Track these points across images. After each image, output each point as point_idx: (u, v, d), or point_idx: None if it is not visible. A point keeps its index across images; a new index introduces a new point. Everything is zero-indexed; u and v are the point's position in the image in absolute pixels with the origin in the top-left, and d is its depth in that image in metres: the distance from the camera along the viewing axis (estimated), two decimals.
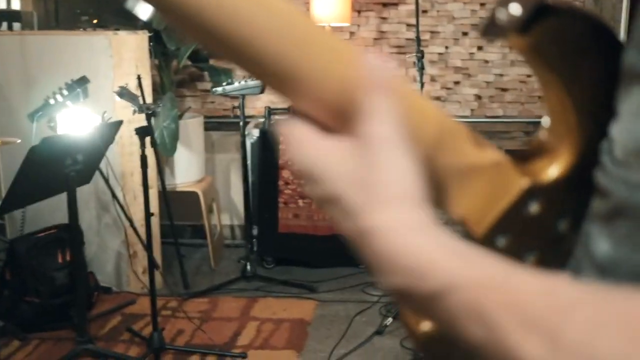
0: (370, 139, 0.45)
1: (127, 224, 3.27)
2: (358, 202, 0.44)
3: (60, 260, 3.18)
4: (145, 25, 3.40)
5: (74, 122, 2.73)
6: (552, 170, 0.55)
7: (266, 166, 3.72)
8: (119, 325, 3.18)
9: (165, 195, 3.53)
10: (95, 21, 4.37)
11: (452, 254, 0.41)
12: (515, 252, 0.53)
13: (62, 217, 2.99)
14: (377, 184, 0.44)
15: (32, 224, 3.24)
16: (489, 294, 0.39)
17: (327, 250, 3.52)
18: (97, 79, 3.05)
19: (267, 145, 3.67)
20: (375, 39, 4.14)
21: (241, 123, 3.53)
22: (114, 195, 3.15)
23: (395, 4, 4.10)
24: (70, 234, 2.96)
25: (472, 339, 0.39)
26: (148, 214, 2.77)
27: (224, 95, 3.46)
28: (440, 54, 4.12)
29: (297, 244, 3.75)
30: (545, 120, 0.57)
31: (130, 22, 3.49)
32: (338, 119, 0.47)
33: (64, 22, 4.66)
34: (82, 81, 2.81)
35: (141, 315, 3.22)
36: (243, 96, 3.43)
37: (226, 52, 0.47)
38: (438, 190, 0.51)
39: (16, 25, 3.79)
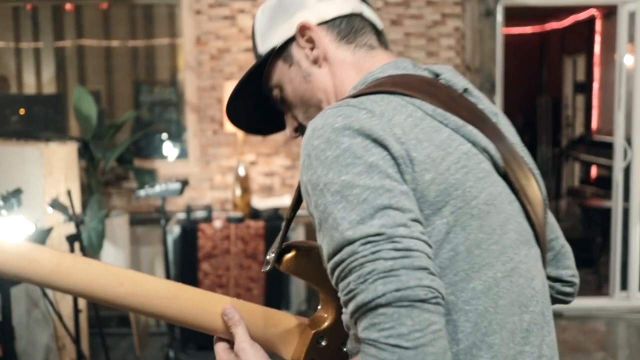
0: (241, 349, 0.95)
1: (56, 318, 3.54)
2: None
3: None
4: (74, 137, 3.78)
5: (10, 230, 3.04)
6: (326, 323, 1.01)
7: (186, 259, 4.08)
8: None
9: None
10: (22, 112, 4.67)
11: None
12: None
13: None
14: None
15: None
16: None
17: None
18: (28, 187, 3.38)
19: (187, 240, 4.05)
20: None
21: (162, 221, 3.90)
22: (43, 293, 3.43)
23: None
24: (2, 330, 3.22)
25: None
26: (76, 311, 3.07)
27: (148, 197, 3.84)
28: None
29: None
30: (319, 308, 1.05)
31: (59, 133, 3.86)
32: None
33: None
34: (17, 192, 3.14)
35: None
36: (163, 197, 3.82)
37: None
38: (274, 349, 1.00)
39: None
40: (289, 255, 0.98)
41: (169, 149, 5.01)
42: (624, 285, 5.03)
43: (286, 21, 1.06)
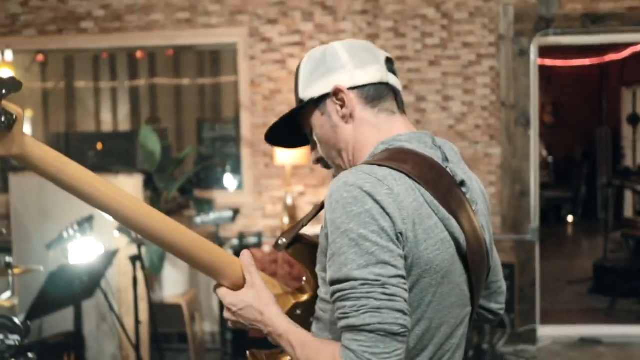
0: (255, 285, 1.31)
1: (121, 330, 4.01)
2: (258, 305, 1.29)
3: None
4: (140, 170, 4.28)
5: (83, 251, 3.53)
6: (305, 297, 1.37)
7: None
8: None
9: (152, 307, 4.26)
10: (99, 147, 5.21)
11: (285, 321, 1.27)
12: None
13: (69, 325, 3.73)
14: (262, 299, 1.30)
15: (45, 330, 3.97)
16: (292, 335, 1.23)
17: None
18: (99, 214, 3.86)
19: None
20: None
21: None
22: (111, 307, 3.90)
23: None
24: (74, 340, 3.69)
25: (289, 352, 1.23)
26: (137, 322, 3.52)
27: (204, 224, 4.28)
28: None
29: (265, 346, 4.45)
30: (304, 279, 1.39)
31: (128, 166, 4.37)
32: (235, 286, 1.33)
33: (72, 159, 5.54)
34: (89, 219, 3.64)
35: None
36: (218, 224, 4.25)
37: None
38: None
39: None
40: (297, 244, 1.34)
41: (228, 181, 5.47)
42: None
43: (326, 77, 1.31)
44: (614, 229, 8.06)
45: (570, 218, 9.90)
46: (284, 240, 1.33)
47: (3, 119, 1.06)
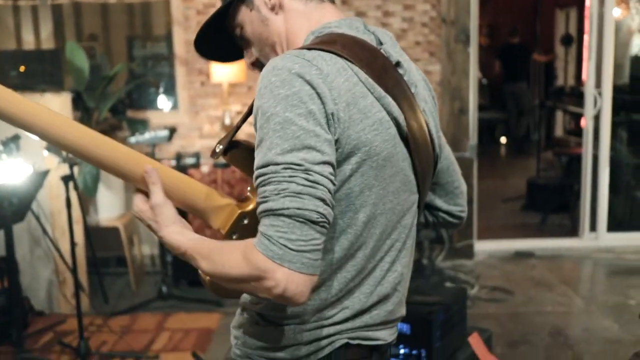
0: (155, 207, 1.21)
1: (56, 254, 3.87)
2: (156, 226, 1.21)
3: None
4: (69, 89, 4.05)
5: (10, 172, 3.34)
6: (251, 206, 1.27)
7: None
8: (51, 340, 3.76)
9: (87, 230, 4.13)
10: (22, 69, 4.91)
11: (185, 238, 1.18)
12: (241, 238, 1.24)
13: (0, 251, 3.57)
14: (160, 222, 1.21)
15: None
16: (194, 250, 1.15)
17: None
18: (26, 134, 3.66)
19: None
20: None
21: None
22: (44, 231, 3.75)
23: None
24: (6, 264, 3.55)
25: (197, 267, 1.15)
26: (72, 244, 3.39)
27: (138, 143, 4.13)
28: None
29: None
30: (248, 188, 1.30)
31: (56, 86, 4.13)
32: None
33: None
34: (15, 138, 3.44)
35: (70, 332, 3.81)
36: (153, 145, 4.10)
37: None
38: (205, 218, 1.26)
39: None
40: (235, 150, 1.26)
41: (162, 101, 5.28)
42: (593, 227, 5.32)
43: None
44: (545, 148, 8.30)
45: (503, 139, 10.11)
46: (220, 146, 1.26)
47: None
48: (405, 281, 1.32)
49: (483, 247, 5.18)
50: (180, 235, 1.20)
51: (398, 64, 1.25)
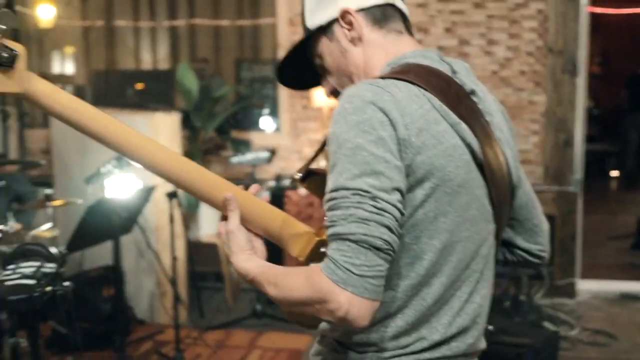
0: (228, 233, 1.28)
1: (158, 267, 4.06)
2: (228, 251, 1.28)
3: (105, 294, 3.97)
4: (178, 108, 4.26)
5: (121, 186, 3.55)
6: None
7: None
8: (150, 349, 3.93)
9: (188, 245, 4.31)
10: (139, 87, 5.19)
11: (253, 264, 1.23)
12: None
13: (108, 260, 3.79)
14: (231, 247, 1.28)
15: (85, 264, 4.05)
16: (261, 276, 1.19)
17: None
18: None
19: (275, 205, 4.44)
20: None
21: None
22: (148, 244, 3.95)
23: None
24: (114, 274, 3.75)
25: (265, 292, 1.19)
26: (174, 258, 3.55)
27: (240, 164, 4.27)
28: None
29: None
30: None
31: (166, 103, 4.36)
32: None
33: (112, 97, 5.57)
34: None
35: (168, 342, 3.98)
36: (254, 165, 4.23)
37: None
38: (284, 245, 1.31)
39: None
40: (312, 177, 1.31)
41: (265, 123, 5.43)
42: None
43: (331, 3, 1.30)
44: None
45: (614, 173, 9.65)
46: (299, 174, 1.31)
47: (5, 54, 1.02)
48: (484, 314, 1.30)
49: (587, 286, 4.96)
50: (248, 262, 1.24)
51: (472, 92, 1.25)
